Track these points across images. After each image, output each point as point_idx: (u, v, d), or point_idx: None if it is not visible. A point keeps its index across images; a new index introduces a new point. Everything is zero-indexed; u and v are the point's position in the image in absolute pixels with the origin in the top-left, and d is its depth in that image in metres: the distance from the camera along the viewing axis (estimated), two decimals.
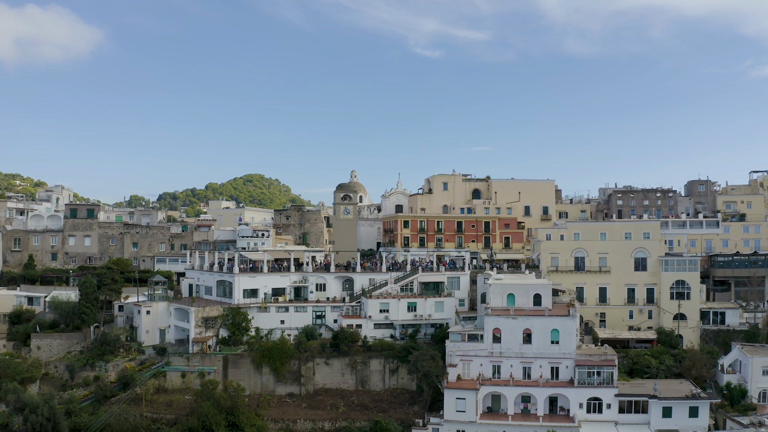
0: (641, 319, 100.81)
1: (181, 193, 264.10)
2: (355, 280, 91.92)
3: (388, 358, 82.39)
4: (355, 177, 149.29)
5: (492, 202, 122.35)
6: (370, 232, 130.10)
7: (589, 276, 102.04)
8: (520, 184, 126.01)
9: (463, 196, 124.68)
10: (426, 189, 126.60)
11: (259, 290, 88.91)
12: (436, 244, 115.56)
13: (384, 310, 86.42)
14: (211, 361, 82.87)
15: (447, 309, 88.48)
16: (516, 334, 75.99)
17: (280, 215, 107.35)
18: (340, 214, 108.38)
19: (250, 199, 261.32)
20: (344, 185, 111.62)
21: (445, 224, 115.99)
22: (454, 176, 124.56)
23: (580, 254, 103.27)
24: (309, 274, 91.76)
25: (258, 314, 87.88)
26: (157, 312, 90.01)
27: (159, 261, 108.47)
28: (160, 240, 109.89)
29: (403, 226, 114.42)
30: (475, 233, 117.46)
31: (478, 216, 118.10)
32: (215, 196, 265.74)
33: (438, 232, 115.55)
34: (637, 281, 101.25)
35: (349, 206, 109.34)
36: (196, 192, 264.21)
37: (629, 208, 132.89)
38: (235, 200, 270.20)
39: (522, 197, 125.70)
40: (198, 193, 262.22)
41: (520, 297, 79.71)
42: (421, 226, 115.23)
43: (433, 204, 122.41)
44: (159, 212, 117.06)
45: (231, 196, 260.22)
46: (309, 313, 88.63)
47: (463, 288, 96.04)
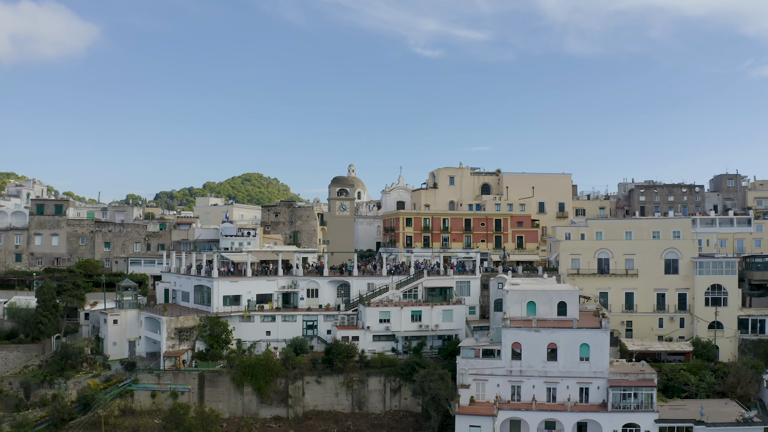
0: (672, 328, 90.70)
1: (178, 192, 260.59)
2: (352, 285, 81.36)
3: (389, 376, 71.83)
4: (352, 171, 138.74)
5: (503, 198, 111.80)
6: (369, 230, 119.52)
7: (615, 280, 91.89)
8: (533, 178, 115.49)
9: (472, 191, 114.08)
10: (430, 184, 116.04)
11: (241, 297, 78.36)
12: (442, 244, 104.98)
13: (384, 319, 75.85)
14: (185, 378, 72.36)
15: (456, 318, 77.95)
16: (539, 349, 65.49)
17: (269, 212, 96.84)
18: (336, 211, 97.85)
19: (248, 198, 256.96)
20: (340, 179, 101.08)
21: (451, 222, 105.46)
22: (461, 169, 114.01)
23: (604, 255, 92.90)
24: (299, 279, 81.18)
25: (240, 324, 77.33)
26: (125, 321, 79.52)
27: (133, 263, 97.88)
28: (135, 239, 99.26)
29: (405, 225, 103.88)
30: (485, 232, 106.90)
31: (488, 213, 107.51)
32: (213, 195, 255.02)
33: (444, 231, 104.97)
34: (668, 285, 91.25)
35: (345, 202, 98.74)
36: (193, 191, 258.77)
37: (653, 204, 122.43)
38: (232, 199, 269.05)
39: (535, 193, 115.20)
40: (195, 192, 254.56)
41: (542, 305, 69.28)
42: (426, 225, 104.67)
43: (439, 200, 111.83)
44: (135, 209, 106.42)
45: (229, 195, 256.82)
46: (299, 322, 78.09)
47: (474, 294, 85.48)
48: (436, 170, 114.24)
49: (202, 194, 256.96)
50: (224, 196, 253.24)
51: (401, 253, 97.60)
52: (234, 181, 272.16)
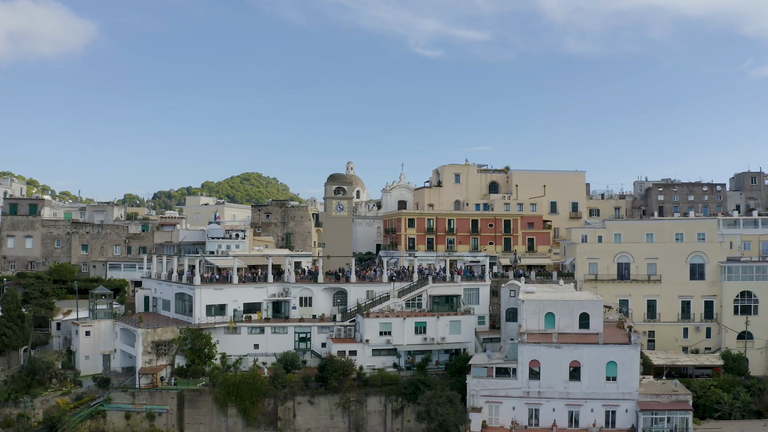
0: (697, 338, 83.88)
1: (176, 192, 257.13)
2: (349, 292, 74.11)
3: (390, 396, 64.61)
4: (351, 169, 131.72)
5: (512, 197, 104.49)
6: (369, 232, 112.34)
7: (636, 286, 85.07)
8: (544, 176, 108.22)
9: (479, 189, 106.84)
10: (434, 182, 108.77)
11: (227, 306, 71.11)
12: (447, 247, 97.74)
13: (385, 332, 68.59)
14: (162, 398, 65.21)
15: (465, 330, 70.71)
16: (560, 367, 58.30)
17: (259, 212, 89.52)
18: (332, 211, 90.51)
19: (247, 197, 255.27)
20: (337, 176, 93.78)
21: (457, 223, 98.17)
22: (467, 167, 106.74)
23: (624, 259, 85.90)
24: (291, 286, 73.94)
25: (225, 337, 70.09)
26: (99, 333, 72.30)
27: (112, 267, 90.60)
28: (115, 241, 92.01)
29: (407, 226, 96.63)
30: (494, 234, 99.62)
31: (496, 213, 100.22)
32: (211, 194, 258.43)
33: (449, 233, 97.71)
34: (693, 292, 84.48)
35: (342, 201, 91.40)
36: (191, 190, 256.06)
37: (671, 204, 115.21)
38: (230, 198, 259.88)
39: (547, 192, 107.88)
40: (194, 192, 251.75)
41: (562, 317, 62.14)
42: (430, 226, 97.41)
43: (443, 199, 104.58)
44: (116, 208, 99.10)
45: (227, 194, 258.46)
46: (290, 335, 70.89)
47: (483, 302, 78.27)
48: (440, 167, 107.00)
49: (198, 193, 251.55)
50: (223, 195, 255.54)
51: (403, 257, 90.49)
52: (233, 180, 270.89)
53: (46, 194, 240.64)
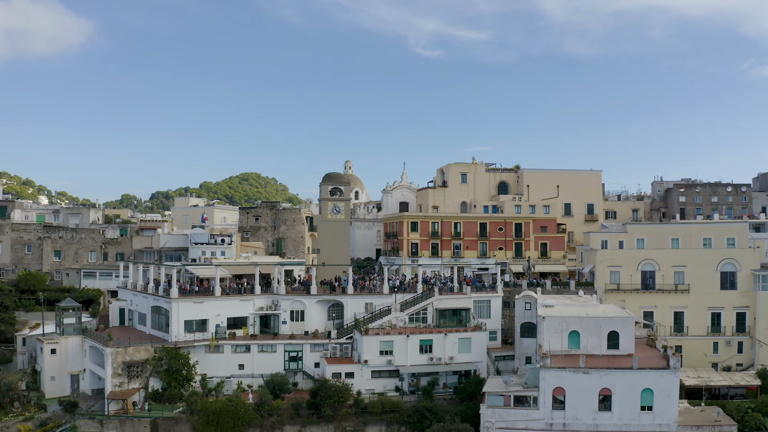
0: (729, 353, 76.84)
1: (174, 192, 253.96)
2: (346, 305, 66.73)
3: (392, 425, 57.15)
4: (349, 168, 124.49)
5: (523, 199, 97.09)
6: (368, 236, 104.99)
7: (662, 297, 77.93)
8: (558, 175, 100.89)
9: (487, 190, 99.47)
10: (439, 182, 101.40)
11: (208, 321, 63.72)
12: (453, 253, 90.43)
13: (386, 351, 61.16)
14: (134, 426, 57.73)
15: (476, 348, 63.29)
16: (588, 396, 50.86)
17: (247, 215, 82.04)
18: (328, 214, 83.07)
19: (245, 198, 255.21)
20: (333, 176, 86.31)
21: (464, 227, 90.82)
22: (474, 165, 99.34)
23: (649, 267, 78.71)
24: (281, 298, 66.51)
25: (206, 356, 62.69)
26: (66, 350, 65.02)
27: (87, 275, 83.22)
28: (90, 247, 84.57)
29: (410, 230, 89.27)
30: (504, 238, 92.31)
31: (506, 216, 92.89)
32: (209, 195, 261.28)
33: (456, 237, 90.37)
34: (724, 303, 77.48)
35: (339, 203, 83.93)
36: (189, 191, 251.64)
37: (694, 206, 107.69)
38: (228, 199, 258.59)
39: (560, 192, 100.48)
40: (192, 192, 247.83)
41: (588, 336, 54.76)
42: (434, 230, 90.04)
43: (449, 201, 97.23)
44: (92, 211, 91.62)
45: (226, 195, 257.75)
46: (279, 354, 63.46)
47: (495, 315, 70.89)
48: (445, 166, 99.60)
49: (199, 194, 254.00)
50: (221, 196, 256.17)
51: (405, 265, 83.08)
52: (231, 180, 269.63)
53: (42, 194, 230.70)
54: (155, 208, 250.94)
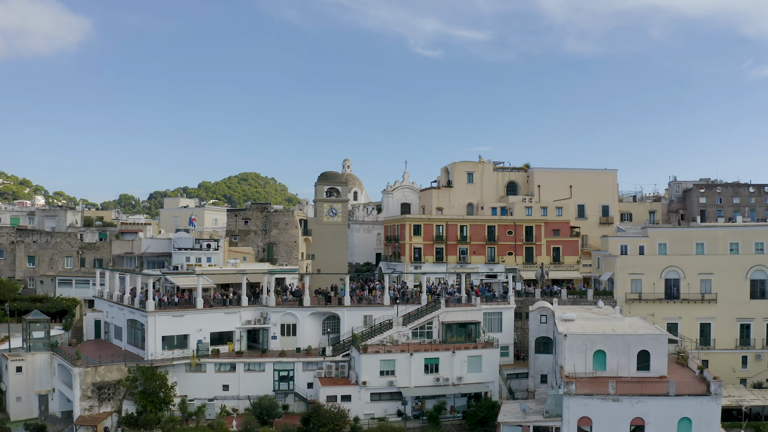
0: (759, 368, 71.51)
1: (172, 192, 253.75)
2: (343, 318, 60.64)
3: None
4: (348, 167, 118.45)
5: (534, 200, 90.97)
6: (367, 240, 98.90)
7: (687, 307, 72.31)
8: (571, 175, 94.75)
9: (495, 191, 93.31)
10: (443, 181, 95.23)
11: (189, 337, 57.62)
12: (459, 258, 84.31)
13: (387, 371, 55.06)
14: None
15: (487, 367, 57.18)
16: (618, 427, 44.82)
17: (236, 217, 75.85)
18: (324, 216, 76.89)
19: (244, 198, 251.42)
20: (329, 175, 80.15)
21: (471, 230, 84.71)
22: (481, 164, 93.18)
23: (674, 275, 72.97)
24: (271, 310, 60.40)
25: (186, 376, 56.59)
26: (33, 368, 58.89)
27: (62, 283, 77.19)
28: (66, 252, 78.48)
29: (412, 233, 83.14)
30: (513, 242, 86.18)
31: (516, 218, 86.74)
32: (208, 195, 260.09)
33: (462, 242, 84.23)
34: (754, 314, 72.18)
35: (336, 204, 77.77)
36: (188, 191, 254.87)
37: (715, 207, 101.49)
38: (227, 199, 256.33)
39: (573, 193, 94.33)
40: (190, 192, 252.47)
41: (615, 356, 48.79)
42: (438, 234, 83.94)
43: (454, 202, 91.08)
44: (70, 213, 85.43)
45: (225, 195, 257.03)
46: (268, 373, 57.33)
47: (507, 328, 64.86)
48: (450, 165, 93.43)
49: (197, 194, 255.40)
50: (220, 196, 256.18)
51: (408, 274, 76.93)
52: (230, 180, 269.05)
53: (38, 194, 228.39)
54: (153, 208, 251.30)
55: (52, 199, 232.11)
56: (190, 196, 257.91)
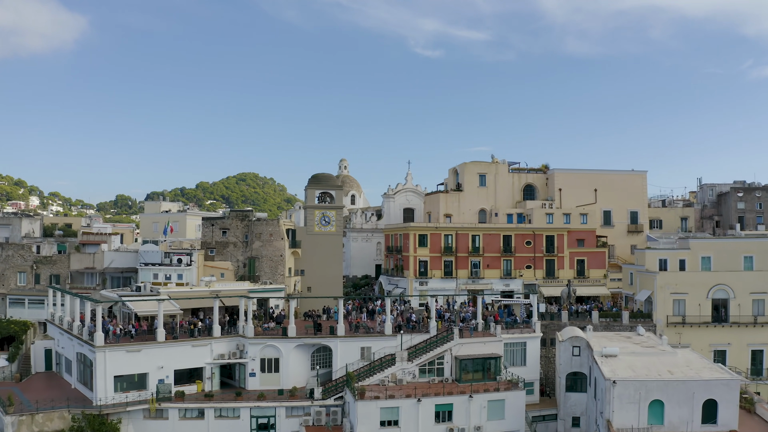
0: None
1: (169, 193, 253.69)
2: (336, 350, 50.90)
3: None
4: (345, 168, 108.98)
5: (555, 205, 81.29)
6: (366, 249, 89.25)
7: (737, 332, 63.37)
8: (595, 177, 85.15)
9: (510, 195, 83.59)
10: (451, 184, 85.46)
11: (148, 376, 47.82)
12: (471, 273, 74.69)
13: (390, 421, 45.17)
14: None
15: (511, 413, 47.42)
16: None
17: (212, 227, 65.84)
18: (315, 225, 67.08)
19: (242, 199, 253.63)
20: (322, 177, 70.29)
21: (484, 240, 75.07)
22: (495, 164, 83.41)
23: (722, 295, 63.51)
24: (249, 342, 50.62)
25: (144, 424, 46.83)
26: None
27: (14, 303, 67.54)
28: (20, 267, 68.67)
29: (417, 244, 73.50)
30: (532, 254, 76.57)
31: (536, 227, 77.11)
32: (205, 195, 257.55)
33: (474, 254, 74.61)
34: None
35: (329, 211, 67.91)
36: (185, 191, 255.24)
37: (754, 213, 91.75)
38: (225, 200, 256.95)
39: (598, 197, 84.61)
40: (187, 193, 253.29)
41: (675, 407, 39.26)
42: (447, 244, 74.28)
43: (465, 208, 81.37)
44: (26, 221, 75.55)
45: (222, 195, 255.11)
46: (245, 420, 47.58)
47: (532, 361, 55.14)
48: (460, 166, 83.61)
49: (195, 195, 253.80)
50: (218, 196, 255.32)
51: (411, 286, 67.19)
52: (228, 181, 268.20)
53: (33, 195, 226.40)
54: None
55: (47, 200, 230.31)
56: (187, 196, 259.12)
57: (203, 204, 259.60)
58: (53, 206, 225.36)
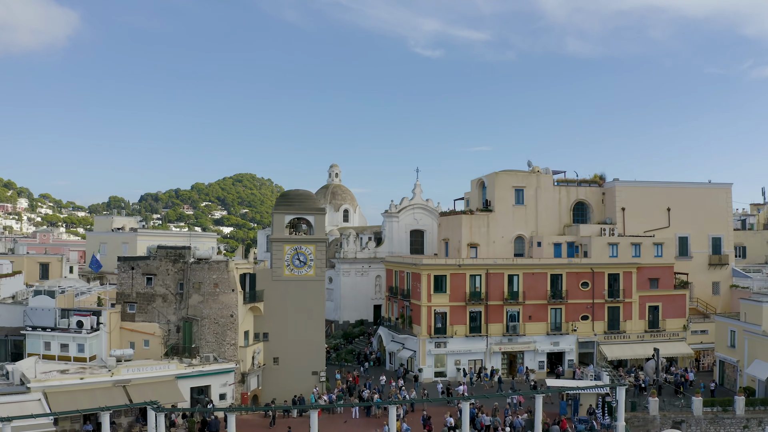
0: None
1: (163, 194, 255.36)
2: None
3: None
4: (336, 177, 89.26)
5: (618, 230, 61.04)
6: (361, 286, 69.28)
7: None
8: (668, 192, 64.73)
9: (557, 216, 63.18)
10: (475, 201, 64.98)
11: None
12: (507, 328, 54.52)
13: None
14: None
15: None
16: None
17: (132, 271, 44.47)
18: (284, 268, 46.53)
19: (238, 200, 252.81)
20: (295, 197, 49.17)
21: (525, 282, 55.02)
22: (536, 175, 62.83)
23: None
24: None
25: None
26: None
27: None
28: None
29: (432, 289, 53.35)
30: (591, 300, 56.64)
31: (594, 262, 57.02)
32: (200, 197, 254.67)
33: (511, 301, 54.52)
34: None
35: (306, 247, 47.24)
36: (180, 193, 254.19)
37: None
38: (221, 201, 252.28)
39: (671, 219, 64.45)
40: (182, 194, 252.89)
41: None
42: (474, 288, 54.24)
43: (495, 234, 60.81)
44: None
45: (218, 197, 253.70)
46: None
47: None
48: (489, 177, 63.04)
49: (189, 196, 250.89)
50: (213, 198, 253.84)
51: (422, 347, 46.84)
52: (225, 182, 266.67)
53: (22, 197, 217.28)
54: (143, 211, 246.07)
55: (37, 202, 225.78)
56: (182, 198, 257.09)
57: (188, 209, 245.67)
58: (42, 208, 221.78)
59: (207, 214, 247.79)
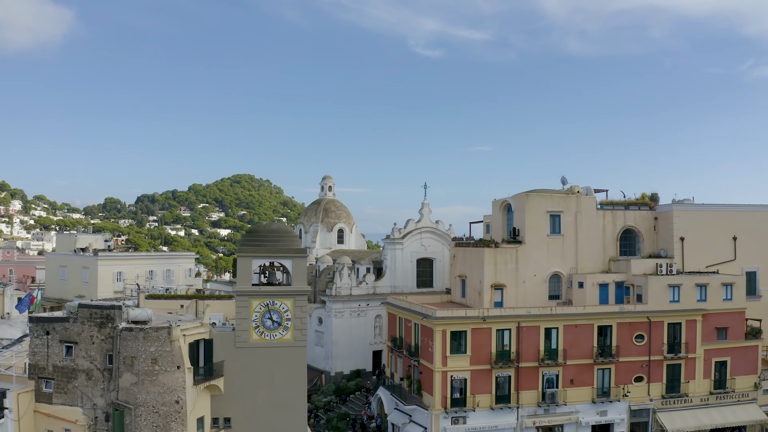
0: None
1: (160, 196, 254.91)
2: None
3: None
4: (330, 190, 78.22)
5: (677, 265, 49.52)
6: (357, 329, 57.97)
7: None
8: (733, 217, 53.19)
9: (601, 248, 51.34)
10: (497, 228, 53.35)
11: None
12: (542, 396, 43.12)
13: None
14: None
15: None
16: None
17: (47, 337, 32.36)
18: (252, 331, 34.93)
19: (236, 202, 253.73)
20: (266, 233, 37.49)
21: (565, 335, 43.60)
22: (576, 196, 50.96)
23: None
24: None
25: None
26: None
27: None
28: None
29: (448, 348, 41.93)
30: (647, 357, 45.40)
31: (651, 309, 45.59)
32: (198, 198, 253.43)
33: (548, 362, 43.12)
34: None
35: (281, 301, 35.57)
36: (177, 194, 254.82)
37: None
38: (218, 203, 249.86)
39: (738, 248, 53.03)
40: (179, 196, 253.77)
41: None
42: (501, 347, 42.84)
43: (526, 272, 48.88)
44: None
45: (216, 198, 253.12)
46: None
47: None
48: (515, 197, 51.34)
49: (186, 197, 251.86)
50: (210, 199, 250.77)
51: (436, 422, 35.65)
52: (222, 183, 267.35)
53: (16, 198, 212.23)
54: (139, 213, 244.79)
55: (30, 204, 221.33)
56: (179, 199, 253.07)
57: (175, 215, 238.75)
58: (36, 210, 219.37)
59: (204, 216, 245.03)
